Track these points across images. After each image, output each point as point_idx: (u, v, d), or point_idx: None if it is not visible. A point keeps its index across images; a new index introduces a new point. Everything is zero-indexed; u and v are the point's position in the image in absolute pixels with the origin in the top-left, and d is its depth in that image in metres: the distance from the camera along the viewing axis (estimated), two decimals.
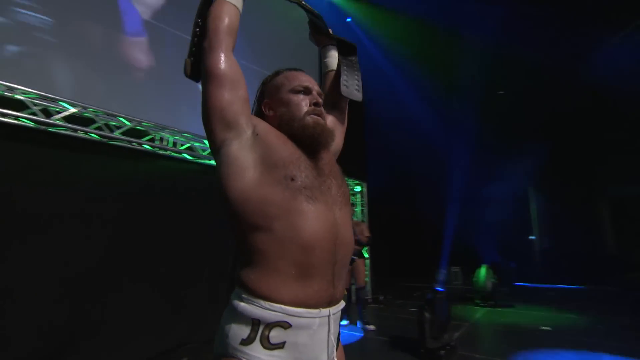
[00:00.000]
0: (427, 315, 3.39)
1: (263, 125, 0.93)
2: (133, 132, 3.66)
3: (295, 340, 0.79)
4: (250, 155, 0.86)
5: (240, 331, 0.78)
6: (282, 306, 0.78)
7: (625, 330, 4.17)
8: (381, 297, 6.53)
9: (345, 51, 1.24)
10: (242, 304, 0.80)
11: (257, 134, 0.89)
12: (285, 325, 0.78)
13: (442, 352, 3.31)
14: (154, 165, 3.92)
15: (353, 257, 4.64)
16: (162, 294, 3.65)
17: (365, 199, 6.89)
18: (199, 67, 0.95)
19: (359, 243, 4.52)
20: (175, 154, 4.05)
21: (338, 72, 1.22)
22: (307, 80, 1.03)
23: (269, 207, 0.81)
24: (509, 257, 9.62)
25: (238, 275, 0.84)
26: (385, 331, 4.40)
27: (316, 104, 0.99)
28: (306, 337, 0.80)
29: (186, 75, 0.98)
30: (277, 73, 1.07)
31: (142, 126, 3.73)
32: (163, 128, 3.89)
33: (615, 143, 10.06)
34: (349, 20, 9.60)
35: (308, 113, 0.97)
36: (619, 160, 10.38)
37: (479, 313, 5.32)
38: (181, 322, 3.78)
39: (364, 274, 4.71)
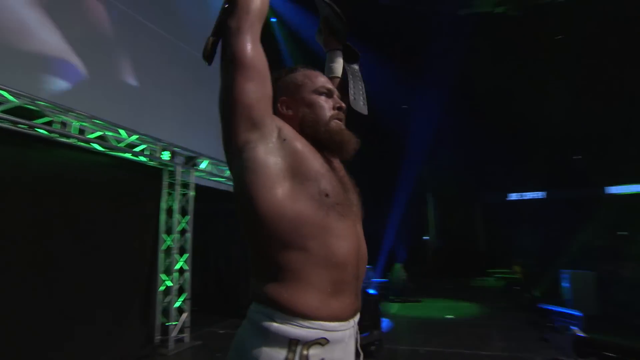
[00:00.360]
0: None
1: (288, 129, 0.85)
2: (21, 112, 2.93)
3: (332, 356, 0.76)
4: (279, 162, 0.78)
5: (276, 354, 0.72)
6: (322, 322, 0.74)
7: (503, 310, 5.17)
8: None
9: (348, 58, 1.18)
10: (275, 324, 0.73)
11: (284, 139, 0.81)
12: (324, 342, 0.74)
13: (373, 347, 3.53)
14: (52, 155, 3.22)
15: None
16: (62, 310, 3.01)
17: None
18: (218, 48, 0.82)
19: None
20: (82, 144, 3.39)
21: (343, 81, 1.17)
22: (328, 81, 0.97)
23: (304, 226, 0.76)
24: (411, 255, 10.81)
25: (264, 294, 0.76)
26: None
27: (340, 109, 0.94)
28: (341, 350, 0.78)
29: (203, 56, 0.83)
30: (294, 69, 0.98)
31: (34, 105, 3.02)
32: (66, 111, 3.22)
33: (487, 158, 12.40)
34: (273, 20, 9.51)
35: (333, 117, 0.92)
36: (489, 172, 12.85)
37: (395, 308, 5.84)
38: (86, 342, 3.19)
39: None
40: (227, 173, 5.38)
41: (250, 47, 0.80)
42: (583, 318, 4.13)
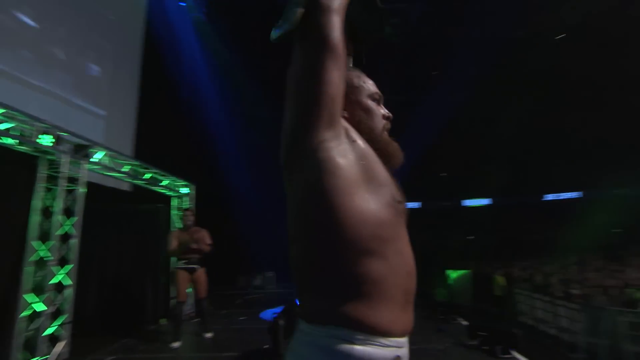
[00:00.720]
0: (281, 322, 3.48)
1: (353, 131, 0.79)
2: None
3: None
4: (354, 165, 0.73)
5: None
6: (397, 339, 0.70)
7: None
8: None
9: (354, 64, 1.16)
10: (357, 347, 0.65)
11: (353, 141, 0.76)
12: None
13: None
14: None
15: (194, 266, 4.13)
16: None
17: (194, 202, 6.24)
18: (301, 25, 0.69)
19: (201, 251, 4.13)
20: None
21: None
22: (376, 87, 0.93)
23: (385, 230, 0.72)
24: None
25: (338, 313, 0.67)
26: (228, 344, 4.11)
27: (388, 118, 0.92)
28: None
29: (286, 29, 0.69)
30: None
31: None
32: None
33: None
34: (182, 4, 8.71)
35: (385, 127, 0.89)
36: None
37: None
38: None
39: (206, 284, 4.27)
40: (127, 168, 4.54)
41: (339, 31, 0.71)
42: (465, 308, 5.00)
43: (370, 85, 0.90)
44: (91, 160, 3.71)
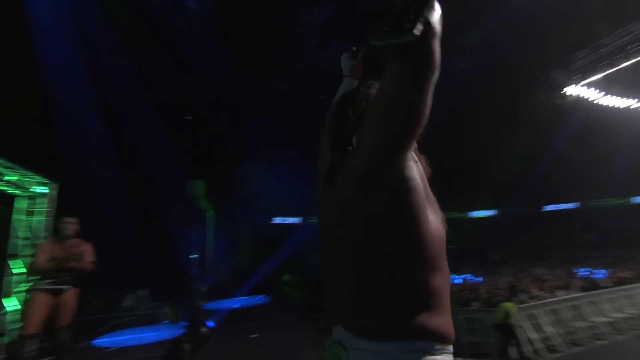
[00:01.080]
0: (187, 347, 3.06)
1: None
2: None
3: None
4: (421, 184, 0.77)
5: None
6: (451, 346, 0.74)
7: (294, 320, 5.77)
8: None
9: None
10: (438, 357, 0.69)
11: (416, 161, 0.81)
12: None
13: None
14: None
15: (63, 287, 3.21)
16: None
17: (54, 205, 4.89)
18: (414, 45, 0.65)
19: (76, 270, 3.25)
20: None
21: None
22: None
23: (444, 245, 0.79)
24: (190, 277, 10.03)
25: (414, 326, 0.69)
26: None
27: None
28: None
29: (394, 43, 0.62)
30: None
31: None
32: None
33: (258, 187, 14.00)
34: None
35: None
36: (258, 198, 14.54)
37: None
38: None
39: (74, 309, 3.33)
40: None
41: None
42: None
43: None
44: None
